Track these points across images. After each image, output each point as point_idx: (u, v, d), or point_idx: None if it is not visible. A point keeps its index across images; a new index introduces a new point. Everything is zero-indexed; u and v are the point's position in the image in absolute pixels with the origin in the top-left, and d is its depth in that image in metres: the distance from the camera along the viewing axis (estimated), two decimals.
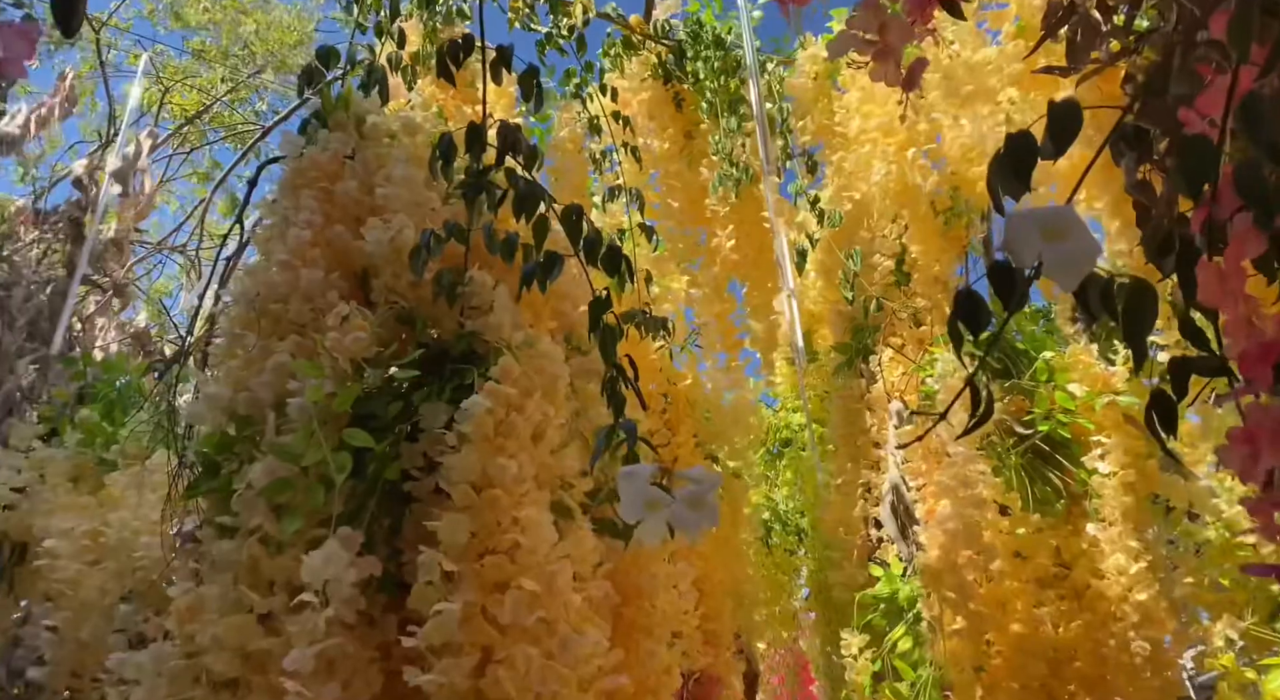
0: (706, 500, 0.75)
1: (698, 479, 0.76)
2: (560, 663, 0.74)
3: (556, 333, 1.14)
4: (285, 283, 1.01)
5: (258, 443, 0.93)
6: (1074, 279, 0.53)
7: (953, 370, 1.48)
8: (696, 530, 0.76)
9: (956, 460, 1.41)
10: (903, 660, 1.53)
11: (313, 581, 0.73)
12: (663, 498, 0.75)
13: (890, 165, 1.66)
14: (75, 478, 1.68)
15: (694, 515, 0.75)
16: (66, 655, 1.37)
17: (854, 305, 1.81)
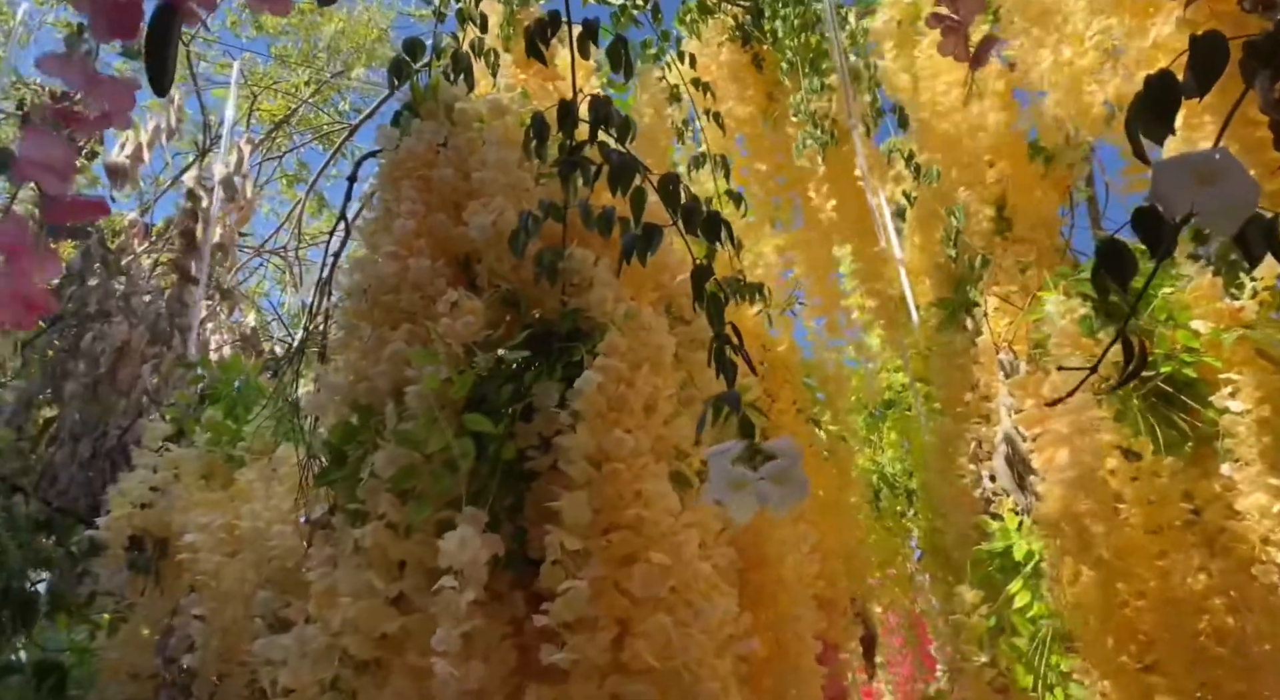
0: (793, 473, 0.74)
1: (782, 452, 0.75)
2: (696, 630, 0.74)
3: (657, 303, 1.14)
4: (394, 273, 1.04)
5: (380, 430, 0.96)
6: (1233, 223, 0.50)
7: (1064, 314, 1.43)
8: (785, 505, 0.75)
9: (1072, 407, 1.36)
10: (1020, 615, 1.50)
11: (451, 564, 0.75)
12: (747, 475, 0.74)
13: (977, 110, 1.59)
14: (206, 475, 1.76)
15: (781, 490, 0.74)
16: (214, 642, 1.45)
17: (956, 260, 1.75)
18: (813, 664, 0.96)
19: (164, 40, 0.54)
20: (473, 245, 1.08)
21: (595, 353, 0.92)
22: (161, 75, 0.58)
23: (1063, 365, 1.39)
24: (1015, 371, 1.58)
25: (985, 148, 1.63)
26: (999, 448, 1.59)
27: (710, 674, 0.74)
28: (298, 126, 6.29)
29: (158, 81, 0.59)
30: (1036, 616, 1.50)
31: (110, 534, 1.64)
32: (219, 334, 3.34)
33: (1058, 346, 1.41)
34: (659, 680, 0.73)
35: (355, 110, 6.33)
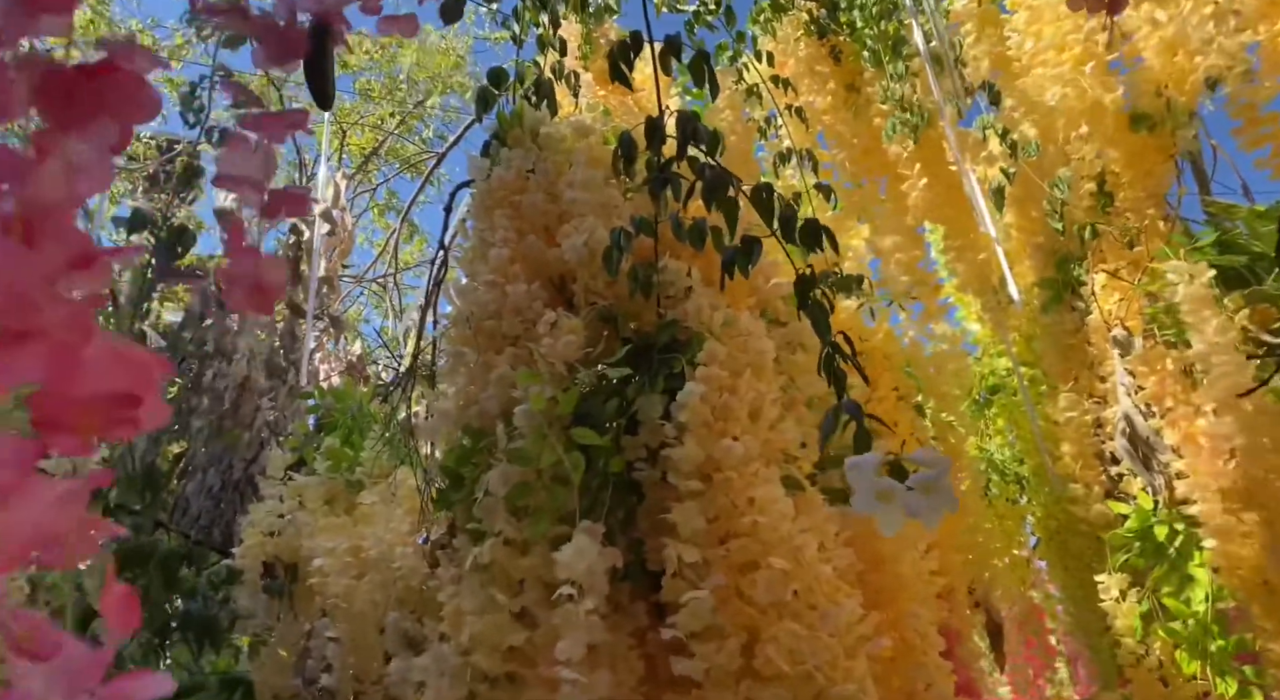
0: (940, 483, 0.74)
1: (928, 462, 0.75)
2: (824, 633, 0.74)
3: (754, 308, 1.14)
4: (494, 299, 1.07)
5: (493, 451, 0.99)
6: None
7: (1189, 278, 1.36)
8: (934, 517, 0.75)
9: (1228, 371, 1.29)
10: (1173, 598, 1.43)
11: (568, 575, 0.77)
12: (894, 487, 0.74)
13: (1066, 86, 1.53)
14: (329, 500, 1.83)
15: (929, 501, 0.73)
16: (349, 662, 1.51)
17: (1064, 236, 1.69)
18: (939, 660, 0.95)
19: (322, 58, 0.58)
20: (567, 266, 1.10)
21: (695, 362, 0.93)
22: (325, 91, 0.63)
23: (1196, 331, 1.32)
24: (1130, 348, 1.52)
25: (1082, 120, 1.57)
26: (1119, 429, 1.53)
27: (844, 676, 0.74)
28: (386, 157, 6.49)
29: (322, 97, 0.63)
30: (1191, 598, 1.43)
31: (246, 562, 1.72)
32: (326, 363, 3.48)
33: (1190, 312, 1.35)
34: (792, 685, 0.73)
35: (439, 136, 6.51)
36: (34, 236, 0.36)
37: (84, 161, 0.38)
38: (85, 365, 0.36)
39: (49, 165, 0.37)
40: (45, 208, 0.37)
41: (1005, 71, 1.77)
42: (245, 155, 0.50)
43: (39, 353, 0.35)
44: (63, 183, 0.37)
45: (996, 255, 1.80)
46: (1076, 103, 1.52)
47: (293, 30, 0.56)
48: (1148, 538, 1.48)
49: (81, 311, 0.36)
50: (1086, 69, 1.54)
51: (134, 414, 0.36)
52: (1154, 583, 1.45)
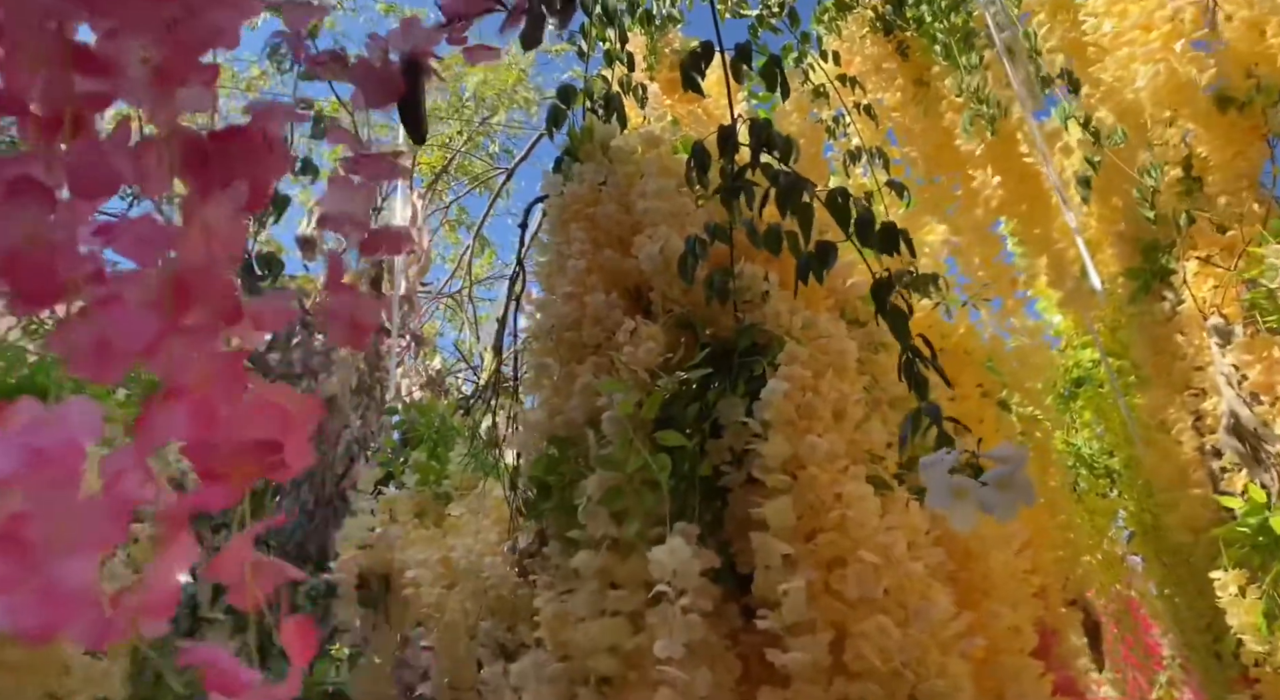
0: (1017, 478, 0.73)
1: (1004, 457, 0.74)
2: (916, 630, 0.74)
3: (833, 310, 1.14)
4: (573, 311, 1.09)
5: (580, 461, 1.01)
6: None
7: None
8: (1011, 512, 0.74)
9: None
10: None
11: (662, 574, 0.78)
12: (969, 484, 0.73)
13: (1157, 64, 1.49)
14: (419, 513, 1.88)
15: (1006, 496, 0.72)
16: (444, 671, 1.55)
17: (1156, 222, 1.64)
18: (1030, 661, 0.93)
19: (416, 95, 0.62)
20: (643, 275, 1.12)
21: (776, 364, 0.93)
22: (418, 126, 0.66)
23: None
24: (1231, 337, 1.47)
25: (1173, 101, 1.52)
26: (1224, 421, 1.47)
27: (937, 673, 0.73)
28: (455, 174, 6.62)
29: (416, 133, 0.67)
30: None
31: (341, 575, 1.78)
32: (407, 378, 3.57)
33: None
34: (884, 681, 0.73)
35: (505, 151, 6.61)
36: (183, 299, 0.39)
37: (220, 223, 0.41)
38: (226, 418, 0.39)
39: (190, 232, 0.40)
40: (191, 271, 0.40)
41: (1080, 58, 1.73)
42: (348, 195, 0.53)
43: (182, 410, 0.38)
44: (203, 246, 0.40)
45: (1076, 246, 1.76)
46: (1168, 82, 1.47)
47: (388, 71, 0.58)
48: (1264, 532, 1.42)
49: (232, 364, 0.39)
50: (1176, 47, 1.49)
51: (279, 459, 0.39)
52: (1275, 578, 1.39)
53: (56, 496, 0.34)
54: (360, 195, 0.53)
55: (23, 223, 0.38)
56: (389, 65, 0.59)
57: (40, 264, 0.38)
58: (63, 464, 0.35)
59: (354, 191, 0.53)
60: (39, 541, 0.34)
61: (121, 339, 0.38)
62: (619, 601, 0.82)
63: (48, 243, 0.38)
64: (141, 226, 0.40)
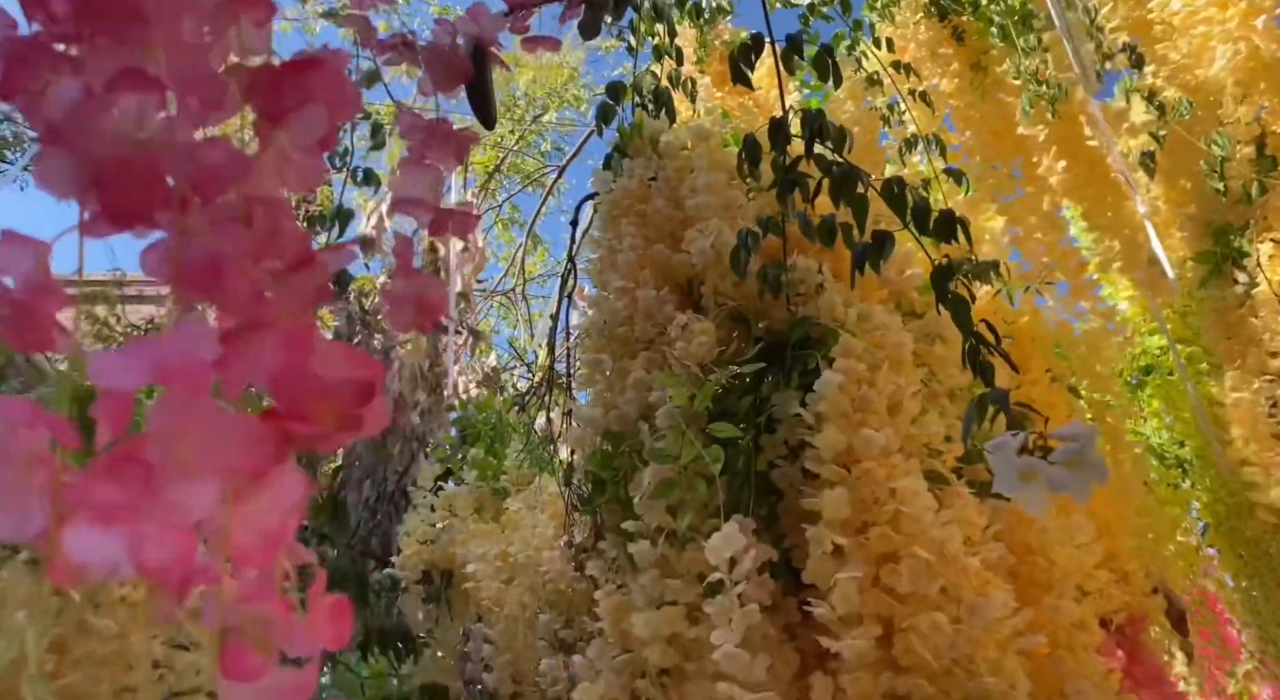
0: (1087, 456, 0.71)
1: (1073, 435, 0.72)
2: (970, 627, 0.73)
3: (887, 301, 1.13)
4: (625, 307, 1.10)
5: (633, 455, 1.01)
6: None
7: None
8: (1084, 490, 0.72)
9: None
10: None
11: (718, 562, 0.78)
12: (1037, 465, 0.71)
13: (1237, 43, 1.43)
14: (478, 508, 1.91)
15: (1076, 474, 0.70)
16: (506, 663, 1.57)
17: (1225, 195, 1.58)
18: (1094, 657, 0.91)
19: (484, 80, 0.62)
20: (694, 269, 1.11)
21: (830, 358, 0.92)
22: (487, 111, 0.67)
23: None
24: None
25: (1246, 83, 1.46)
26: None
27: (992, 670, 0.72)
28: (507, 173, 6.67)
29: (485, 116, 0.68)
30: None
31: (405, 571, 1.81)
32: (464, 375, 3.61)
33: None
34: (934, 677, 0.72)
35: (556, 148, 6.65)
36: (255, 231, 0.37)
37: (293, 154, 0.39)
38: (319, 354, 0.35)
39: (264, 156, 0.39)
40: (264, 201, 0.38)
41: (1145, 37, 1.67)
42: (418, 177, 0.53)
43: (275, 341, 0.35)
44: (275, 175, 0.38)
45: (1145, 230, 1.71)
46: (1248, 61, 1.42)
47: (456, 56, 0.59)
48: None
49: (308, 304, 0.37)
50: (1258, 23, 1.44)
51: (366, 408, 0.35)
52: None
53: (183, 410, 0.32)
54: (430, 177, 0.53)
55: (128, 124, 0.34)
56: (457, 49, 0.59)
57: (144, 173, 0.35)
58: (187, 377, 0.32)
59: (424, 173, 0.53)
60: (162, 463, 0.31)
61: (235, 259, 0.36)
62: (676, 592, 0.82)
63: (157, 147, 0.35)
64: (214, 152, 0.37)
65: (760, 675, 0.72)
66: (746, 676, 0.71)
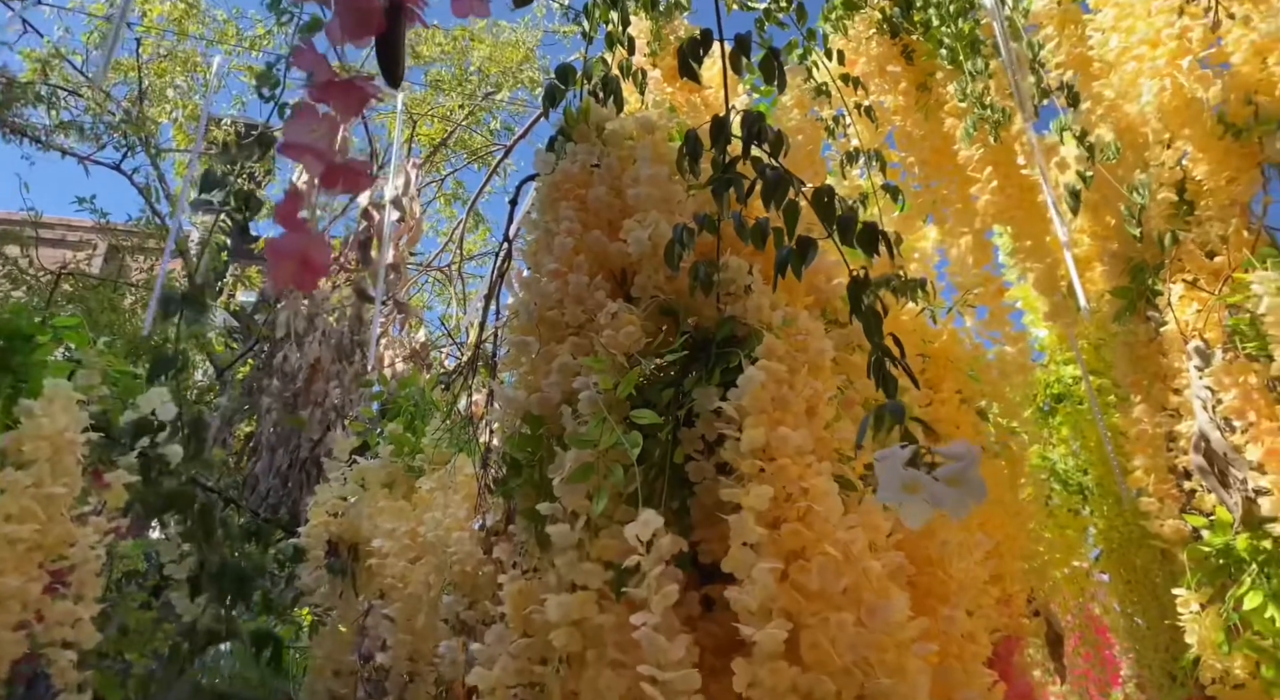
0: (969, 475, 0.73)
1: (958, 454, 0.74)
2: (871, 628, 0.74)
3: (813, 307, 1.14)
4: (557, 290, 1.09)
5: (552, 439, 1.01)
6: None
7: (1274, 290, 1.31)
8: (962, 509, 0.74)
9: None
10: (1257, 615, 1.39)
11: (635, 545, 0.78)
12: (921, 478, 0.73)
13: (1163, 79, 1.48)
14: (390, 484, 1.88)
15: (957, 492, 0.72)
16: (404, 642, 1.55)
17: (1142, 241, 1.64)
18: (981, 669, 0.93)
19: (395, 35, 0.60)
20: (629, 259, 1.11)
21: (753, 357, 0.93)
22: (395, 68, 0.64)
23: None
24: (1210, 360, 1.47)
25: (1177, 119, 1.52)
26: (1195, 444, 1.49)
27: (890, 672, 0.74)
28: (454, 148, 6.59)
29: (391, 74, 0.65)
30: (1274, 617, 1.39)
31: (310, 540, 1.77)
32: (391, 349, 3.55)
33: (1276, 324, 1.30)
34: (836, 675, 0.73)
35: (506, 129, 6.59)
36: None
37: None
38: None
39: None
40: None
41: (1084, 73, 1.73)
42: (312, 124, 0.51)
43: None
44: None
45: (1066, 261, 1.77)
46: (1173, 99, 1.47)
47: (370, 5, 0.57)
48: (1229, 554, 1.43)
49: None
50: (1184, 64, 1.49)
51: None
52: (1234, 599, 1.41)
53: None
54: (325, 125, 0.52)
55: None
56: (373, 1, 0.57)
57: None
58: None
59: (319, 121, 0.52)
60: None
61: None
62: (588, 576, 0.82)
63: None
64: None
65: (679, 654, 0.72)
66: (666, 657, 0.72)
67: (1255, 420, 1.37)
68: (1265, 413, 1.36)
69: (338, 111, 0.53)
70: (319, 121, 0.52)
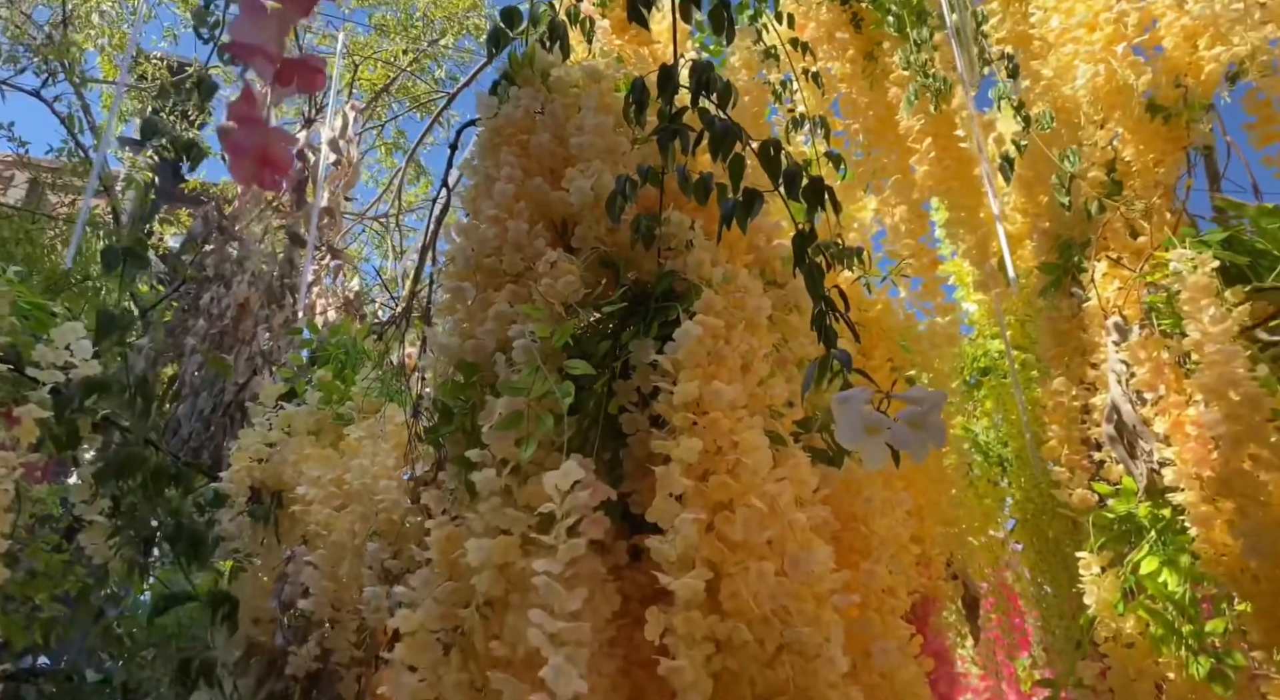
0: (930, 419, 0.75)
1: (919, 399, 0.76)
2: (792, 579, 0.76)
3: (752, 266, 1.15)
4: (496, 237, 1.07)
5: (485, 387, 1.00)
6: None
7: (1193, 268, 1.36)
8: (922, 451, 0.76)
9: (1218, 359, 1.30)
10: (1151, 580, 1.46)
11: (553, 494, 0.78)
12: (882, 420, 0.75)
13: (1098, 64, 1.52)
14: (316, 431, 1.85)
15: (918, 435, 0.74)
16: (326, 589, 1.53)
17: (1070, 213, 1.68)
18: (899, 622, 0.96)
19: None
20: (570, 209, 1.10)
21: (691, 312, 0.93)
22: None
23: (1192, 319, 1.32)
24: (1127, 336, 1.53)
25: (1108, 102, 1.56)
26: (1107, 416, 1.54)
27: (807, 622, 0.75)
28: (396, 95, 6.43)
29: None
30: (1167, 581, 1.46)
31: (233, 486, 1.74)
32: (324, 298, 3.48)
33: (1189, 301, 1.35)
34: (754, 624, 0.75)
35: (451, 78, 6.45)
36: None
37: None
38: None
39: None
40: None
41: (1025, 50, 1.75)
42: (259, 22, 0.49)
43: None
44: None
45: (997, 235, 1.81)
46: (1105, 83, 1.51)
47: None
48: (1130, 520, 1.50)
49: None
50: (1118, 49, 1.53)
51: None
52: (1132, 563, 1.48)
53: None
54: (273, 23, 0.50)
55: None
56: None
57: None
58: None
59: (267, 19, 0.50)
60: None
61: None
62: (512, 521, 0.82)
63: None
64: None
65: (575, 606, 0.73)
66: (560, 606, 0.72)
67: (1165, 393, 1.42)
68: (1174, 387, 1.42)
69: (286, 9, 0.51)
70: (266, 20, 0.50)
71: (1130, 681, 1.46)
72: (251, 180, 0.45)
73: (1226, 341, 1.29)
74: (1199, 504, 1.33)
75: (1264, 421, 1.25)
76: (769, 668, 0.77)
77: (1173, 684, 1.43)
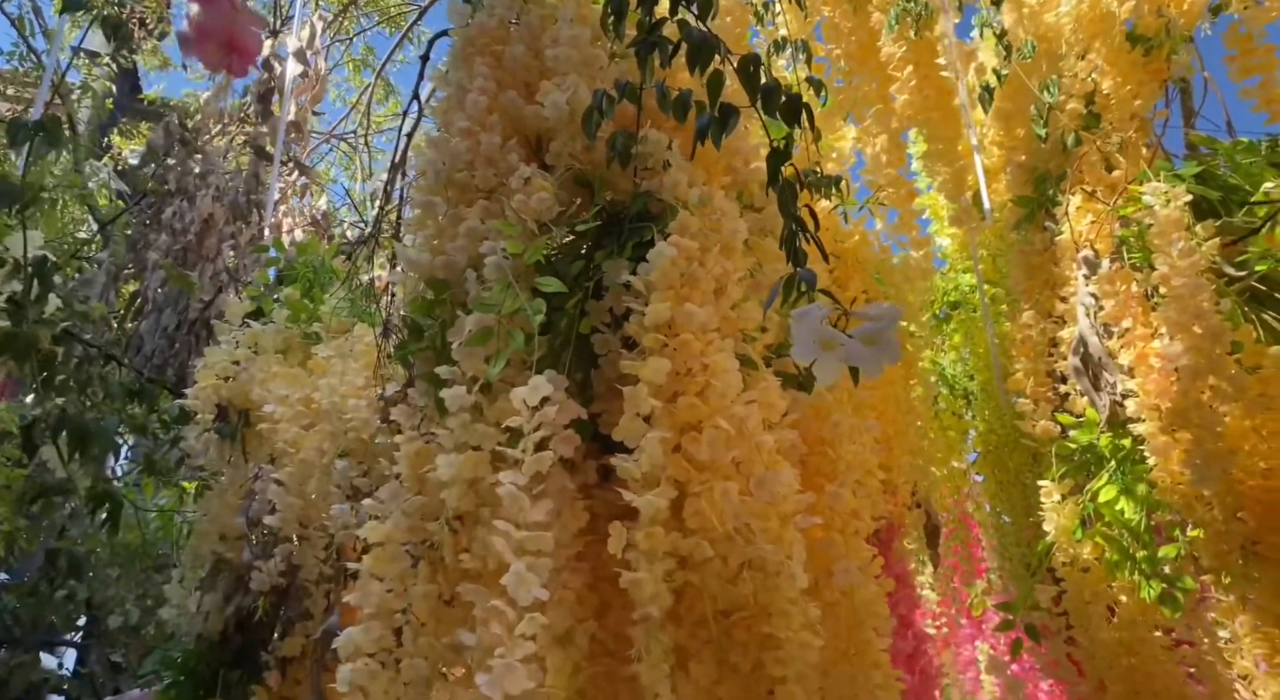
0: (885, 335, 0.75)
1: (875, 315, 0.75)
2: (757, 499, 0.77)
3: (730, 188, 1.13)
4: (468, 150, 1.05)
5: (455, 304, 0.99)
6: None
7: (1165, 202, 1.36)
8: (876, 368, 0.76)
9: (1184, 292, 1.31)
10: (1108, 508, 1.50)
11: (521, 410, 0.78)
12: (837, 336, 0.75)
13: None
14: (284, 350, 1.83)
15: (872, 351, 0.74)
16: (294, 506, 1.53)
17: (1046, 145, 1.68)
18: (862, 544, 0.98)
19: None
20: (545, 124, 1.08)
21: (666, 233, 0.92)
22: None
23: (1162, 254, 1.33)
24: (1097, 269, 1.53)
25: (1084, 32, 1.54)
26: (1074, 348, 1.56)
27: (771, 540, 0.77)
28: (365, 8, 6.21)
29: None
30: (1124, 509, 1.50)
31: (198, 403, 1.72)
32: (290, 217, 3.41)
33: (1159, 234, 1.36)
34: (717, 541, 0.76)
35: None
36: None
37: None
38: None
39: None
40: None
41: None
42: None
43: None
44: None
45: (974, 166, 1.80)
46: (1089, 10, 1.49)
47: None
48: (1092, 450, 1.53)
49: None
50: None
51: None
52: (1092, 492, 1.52)
53: None
54: None
55: None
56: None
57: None
58: None
59: None
60: None
61: None
62: (481, 437, 0.82)
63: None
64: None
65: (539, 517, 0.73)
66: (525, 517, 0.72)
67: (1131, 326, 1.44)
68: (1141, 320, 1.44)
69: None
70: None
71: (1085, 604, 1.52)
72: (218, 66, 0.43)
73: (1193, 275, 1.30)
74: (1158, 434, 1.36)
75: (1224, 353, 1.27)
76: (730, 584, 0.78)
77: (1124, 607, 1.48)
